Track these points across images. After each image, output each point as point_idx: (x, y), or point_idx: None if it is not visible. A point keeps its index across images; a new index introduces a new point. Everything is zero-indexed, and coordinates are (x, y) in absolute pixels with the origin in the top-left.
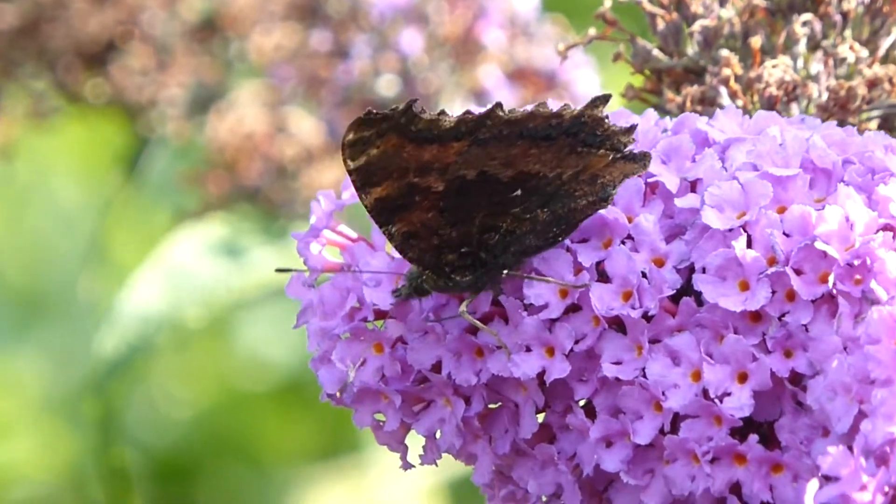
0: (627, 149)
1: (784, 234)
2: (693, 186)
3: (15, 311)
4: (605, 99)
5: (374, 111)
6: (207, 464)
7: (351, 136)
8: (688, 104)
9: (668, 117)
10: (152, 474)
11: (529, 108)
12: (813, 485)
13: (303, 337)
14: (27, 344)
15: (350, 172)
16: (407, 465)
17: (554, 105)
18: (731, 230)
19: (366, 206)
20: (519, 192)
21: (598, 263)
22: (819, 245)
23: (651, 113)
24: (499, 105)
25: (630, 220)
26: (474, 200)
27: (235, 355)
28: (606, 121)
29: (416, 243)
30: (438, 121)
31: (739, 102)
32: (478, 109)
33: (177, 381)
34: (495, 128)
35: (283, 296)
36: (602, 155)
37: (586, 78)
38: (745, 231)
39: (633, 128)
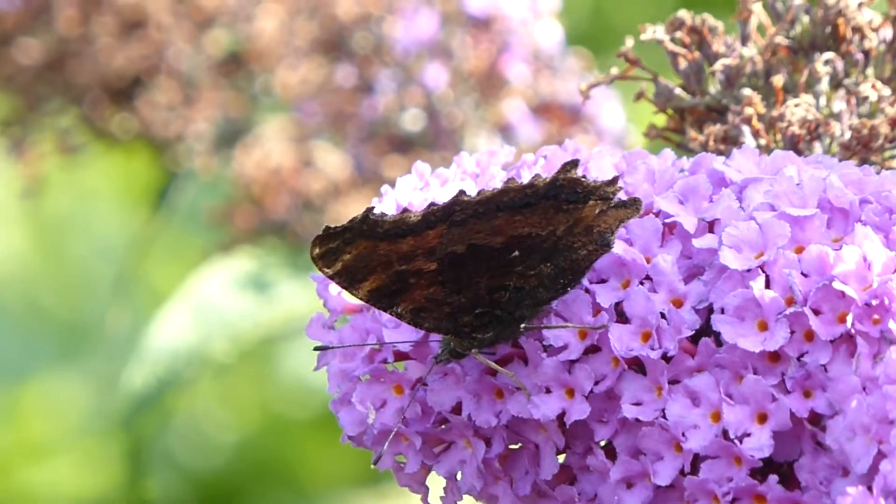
0: (616, 197)
1: (802, 274)
2: (711, 227)
3: (55, 339)
4: (573, 164)
5: (331, 227)
6: (250, 489)
7: (317, 250)
8: (710, 143)
9: (684, 157)
10: (196, 499)
11: (498, 185)
12: None
13: None
14: (67, 370)
15: (331, 278)
16: None
17: (543, 163)
18: (749, 270)
19: (362, 300)
20: (517, 252)
21: (617, 304)
22: (837, 285)
23: (668, 153)
24: (462, 192)
25: (648, 261)
26: (473, 269)
27: (279, 382)
28: (583, 179)
29: (427, 315)
30: (403, 219)
31: (762, 141)
32: (500, 146)
33: (221, 407)
34: (469, 208)
35: None
36: (591, 206)
37: (611, 112)
38: (763, 271)
39: (616, 179)
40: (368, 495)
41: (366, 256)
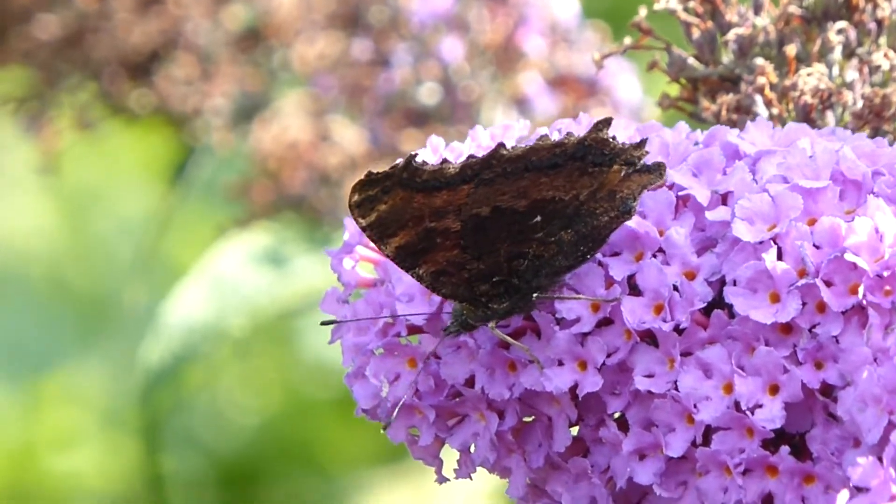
0: (641, 162)
1: (814, 245)
2: (724, 199)
3: (78, 318)
4: (606, 122)
5: (374, 172)
6: (272, 469)
7: (356, 196)
8: (723, 113)
9: (698, 130)
10: (217, 480)
11: (531, 142)
12: (843, 495)
13: None
14: (91, 353)
15: (363, 229)
16: (442, 479)
17: (555, 135)
18: (761, 243)
19: (388, 256)
20: (538, 218)
21: (630, 277)
22: (849, 257)
23: (682, 126)
24: (501, 145)
25: (661, 234)
26: (494, 234)
27: (300, 362)
28: (611, 140)
29: (446, 280)
30: (442, 170)
31: (775, 111)
32: (516, 119)
33: (242, 388)
34: (499, 167)
35: None
36: (616, 171)
37: (627, 84)
38: (776, 243)
39: (643, 142)
40: (389, 475)
41: (400, 209)
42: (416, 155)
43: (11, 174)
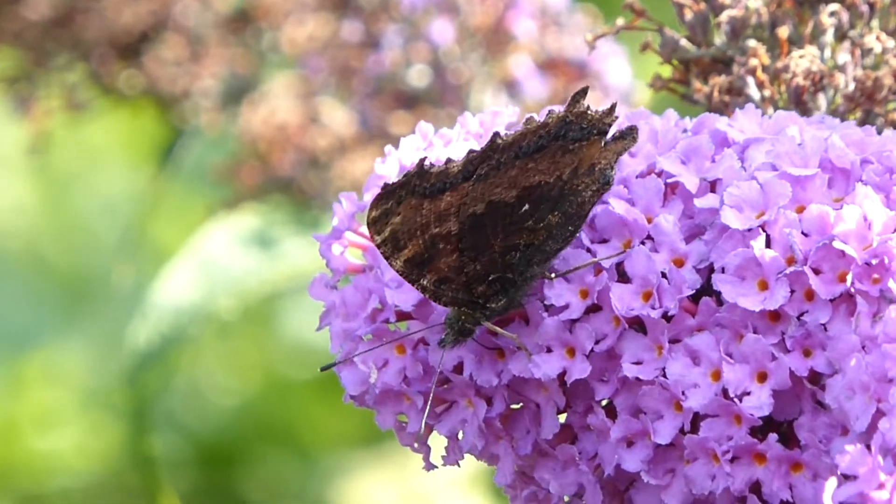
0: (613, 129)
1: (802, 233)
2: (713, 186)
3: (59, 296)
4: (583, 92)
5: (389, 183)
6: (252, 450)
7: (374, 213)
8: (715, 94)
9: (687, 118)
10: (197, 461)
11: (520, 125)
12: (831, 483)
13: None
14: (71, 332)
15: (378, 246)
16: (430, 466)
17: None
18: (749, 230)
19: (397, 271)
20: (527, 206)
21: (619, 264)
22: (837, 244)
23: (671, 113)
24: (497, 135)
25: (650, 221)
26: (489, 230)
27: (280, 343)
28: (589, 111)
29: (446, 287)
30: (447, 170)
31: (767, 93)
32: (506, 104)
33: (222, 369)
34: (493, 159)
35: None
36: (594, 142)
37: (617, 67)
38: (764, 231)
39: (613, 107)
40: (370, 456)
41: (410, 219)
42: (425, 158)
43: None
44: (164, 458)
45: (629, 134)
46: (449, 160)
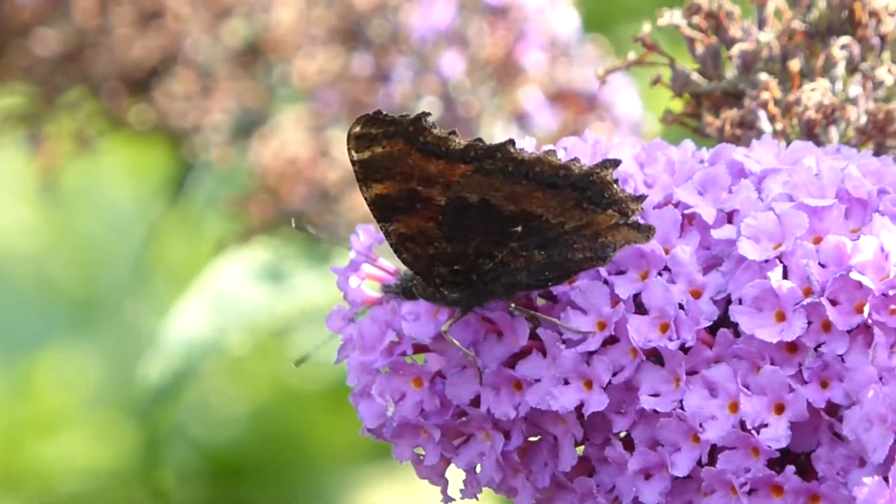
0: (634, 217)
1: (820, 264)
2: (730, 217)
3: (66, 314)
4: (614, 163)
5: (384, 113)
6: (261, 462)
7: (357, 129)
8: (727, 128)
9: (704, 148)
10: (207, 473)
11: (539, 152)
12: None
13: None
14: (79, 342)
15: (353, 163)
16: (447, 499)
17: (563, 154)
18: (767, 261)
19: (365, 199)
20: (519, 228)
21: (636, 295)
22: (854, 275)
23: (688, 143)
24: (511, 141)
25: (667, 252)
26: (473, 223)
27: (289, 354)
28: (615, 186)
29: (411, 247)
30: (448, 139)
31: (778, 126)
32: (518, 135)
33: (231, 380)
34: (502, 162)
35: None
36: (608, 216)
37: (627, 100)
38: (781, 262)
39: (642, 197)
40: (379, 469)
41: (394, 159)
42: (428, 114)
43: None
44: (171, 468)
45: (645, 230)
46: (453, 132)
